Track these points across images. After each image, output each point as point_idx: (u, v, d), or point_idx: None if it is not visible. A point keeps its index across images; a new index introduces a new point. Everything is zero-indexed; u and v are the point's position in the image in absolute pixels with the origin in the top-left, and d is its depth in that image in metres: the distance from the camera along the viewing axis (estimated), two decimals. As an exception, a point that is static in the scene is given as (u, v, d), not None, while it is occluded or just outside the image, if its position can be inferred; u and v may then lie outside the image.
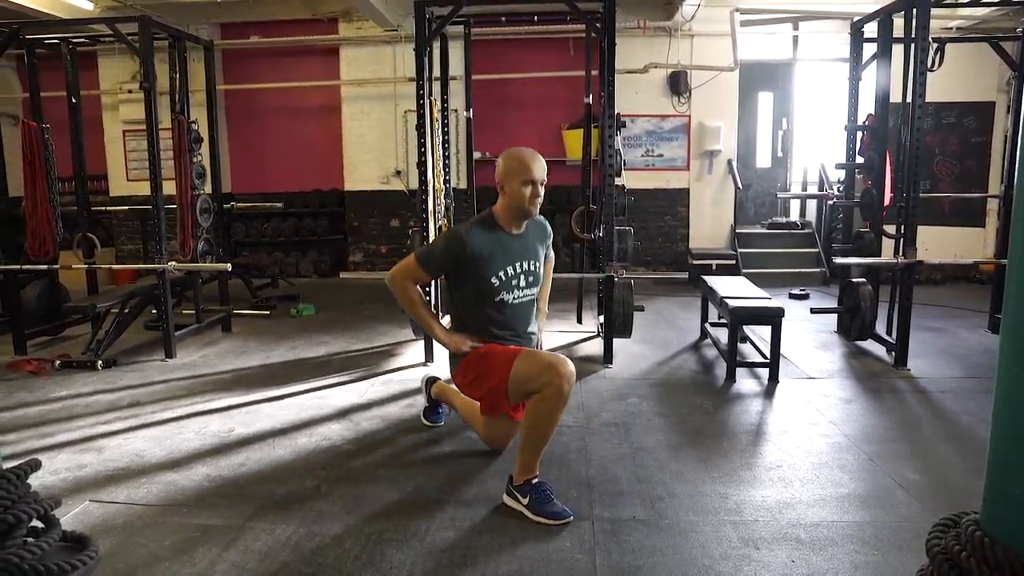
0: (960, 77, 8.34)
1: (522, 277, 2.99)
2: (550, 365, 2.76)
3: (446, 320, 3.94)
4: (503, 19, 6.41)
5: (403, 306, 3.13)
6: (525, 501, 2.80)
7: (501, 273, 2.92)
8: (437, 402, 3.84)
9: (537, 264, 3.07)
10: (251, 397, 4.48)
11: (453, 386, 3.64)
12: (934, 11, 4.89)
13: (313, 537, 2.68)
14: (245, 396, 4.50)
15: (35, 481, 2.73)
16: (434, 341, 5.20)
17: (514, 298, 2.99)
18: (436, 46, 5.78)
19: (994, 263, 6.20)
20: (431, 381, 3.87)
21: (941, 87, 7.29)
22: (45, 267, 5.91)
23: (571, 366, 2.80)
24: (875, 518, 2.82)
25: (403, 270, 3.04)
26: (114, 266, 7.27)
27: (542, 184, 2.91)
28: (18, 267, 5.76)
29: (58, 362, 5.25)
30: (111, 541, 2.65)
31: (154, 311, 6.03)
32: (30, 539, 2.46)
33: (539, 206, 2.95)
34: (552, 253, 3.37)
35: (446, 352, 3.15)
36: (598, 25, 5.15)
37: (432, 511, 2.89)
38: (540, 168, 2.90)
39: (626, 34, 8.61)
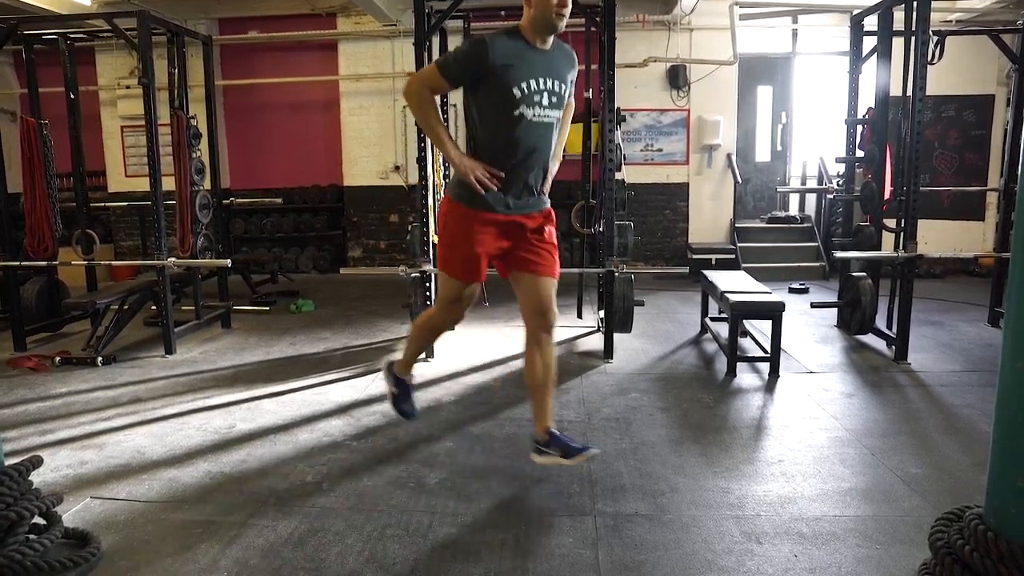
0: (960, 70, 8.33)
1: (545, 95, 2.85)
2: (449, 307, 3.10)
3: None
4: (502, 13, 6.35)
5: (417, 118, 3.00)
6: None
7: (524, 84, 2.78)
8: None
9: (562, 86, 2.92)
10: (252, 393, 4.48)
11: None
12: (934, 4, 4.88)
13: (315, 533, 2.68)
14: (246, 392, 4.50)
15: (36, 478, 2.74)
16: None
17: (534, 115, 2.83)
18: (435, 41, 5.75)
19: (994, 257, 6.20)
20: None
21: (941, 80, 7.28)
22: (44, 264, 5.90)
23: (460, 316, 3.13)
24: (877, 512, 2.82)
25: (421, 77, 2.90)
26: (113, 262, 7.25)
27: None
28: (17, 264, 5.74)
29: (58, 359, 5.24)
30: (113, 538, 2.65)
31: (154, 307, 6.03)
32: (32, 536, 2.47)
33: (566, 19, 2.82)
34: (573, 99, 3.17)
35: (457, 350, 3.13)
36: (597, 19, 5.14)
37: (434, 507, 2.89)
38: None
39: (625, 28, 8.59)
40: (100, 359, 5.21)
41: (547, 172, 3.03)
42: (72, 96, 6.21)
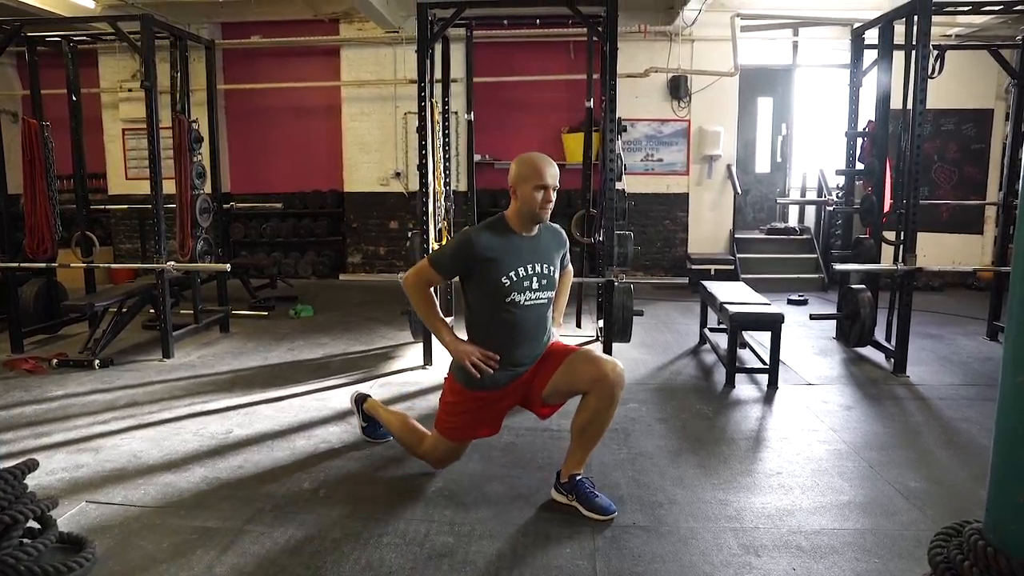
0: (959, 84, 8.36)
1: (535, 279, 2.94)
2: (435, 459, 3.18)
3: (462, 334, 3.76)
4: (505, 22, 6.40)
5: (415, 309, 3.10)
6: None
7: (512, 273, 2.88)
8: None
9: (552, 269, 3.02)
10: (250, 398, 4.47)
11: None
12: (934, 18, 4.90)
13: (312, 540, 2.67)
14: (244, 397, 4.49)
15: (32, 481, 2.73)
16: (434, 344, 5.21)
17: (526, 300, 2.93)
18: (438, 48, 5.77)
19: (993, 271, 6.21)
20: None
21: (940, 94, 7.31)
22: (43, 265, 5.90)
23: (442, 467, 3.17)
24: (876, 526, 2.81)
25: (417, 273, 3.01)
26: (112, 265, 7.24)
27: (554, 189, 2.89)
28: (16, 265, 5.74)
29: (55, 361, 5.23)
30: (108, 542, 2.64)
31: (152, 311, 6.02)
32: (26, 540, 2.45)
33: (550, 211, 2.92)
34: (570, 265, 3.31)
35: (446, 358, 3.13)
36: (600, 29, 5.15)
37: (432, 515, 2.88)
38: (552, 173, 2.88)
39: (627, 38, 8.61)
40: (97, 362, 5.20)
41: (549, 336, 3.12)
42: (74, 98, 6.22)
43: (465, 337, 3.02)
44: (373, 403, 3.64)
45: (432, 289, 3.03)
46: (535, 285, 2.94)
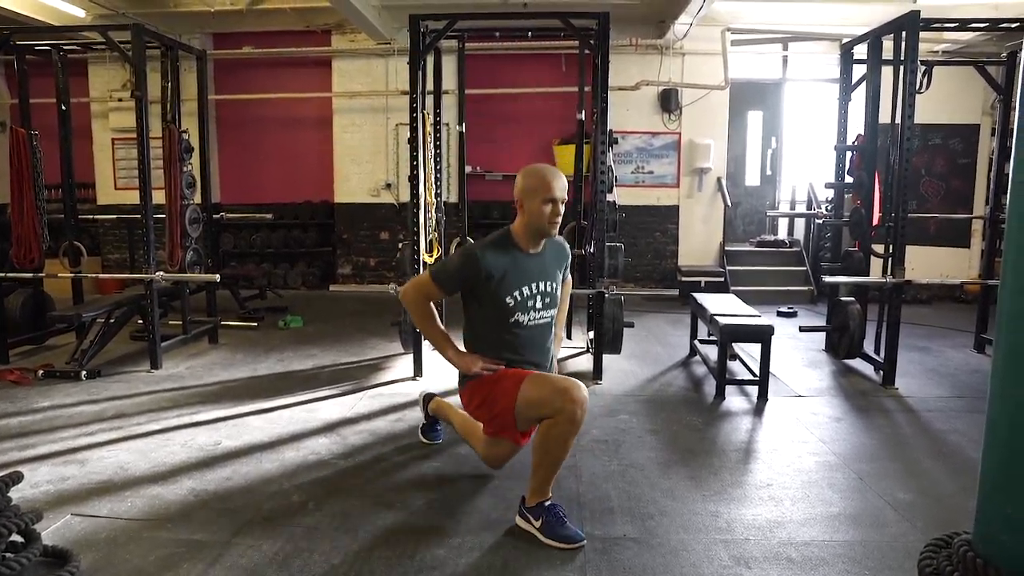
0: (946, 100, 8.43)
1: (538, 298, 2.91)
2: (563, 391, 2.71)
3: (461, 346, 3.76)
4: (497, 34, 6.42)
5: (416, 323, 3.06)
6: (537, 524, 2.75)
7: (516, 293, 2.85)
8: (435, 419, 3.76)
9: (554, 286, 2.99)
10: (238, 410, 4.43)
11: (449, 400, 3.61)
12: (922, 34, 4.96)
13: (300, 554, 2.64)
14: (232, 409, 4.46)
15: (16, 494, 2.69)
16: (424, 356, 5.19)
17: (530, 320, 2.91)
18: (430, 60, 5.79)
19: (980, 284, 6.25)
20: (428, 397, 3.77)
21: (928, 109, 7.36)
22: (30, 275, 5.85)
23: (584, 391, 2.74)
24: (866, 537, 2.81)
25: (417, 287, 2.97)
26: (100, 275, 7.20)
27: (562, 203, 2.84)
28: (3, 275, 5.70)
29: (41, 372, 5.18)
30: (93, 556, 2.61)
31: (140, 321, 5.97)
32: (9, 554, 2.42)
33: (559, 225, 2.88)
34: (570, 276, 3.28)
35: (445, 367, 3.13)
36: (592, 42, 5.18)
37: (422, 528, 2.86)
38: (561, 186, 2.82)
39: (618, 51, 8.67)
40: (84, 373, 5.15)
41: (551, 354, 3.11)
42: (63, 107, 6.19)
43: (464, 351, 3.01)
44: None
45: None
46: (539, 304, 2.92)
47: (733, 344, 5.30)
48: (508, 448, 3.12)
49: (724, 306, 5.37)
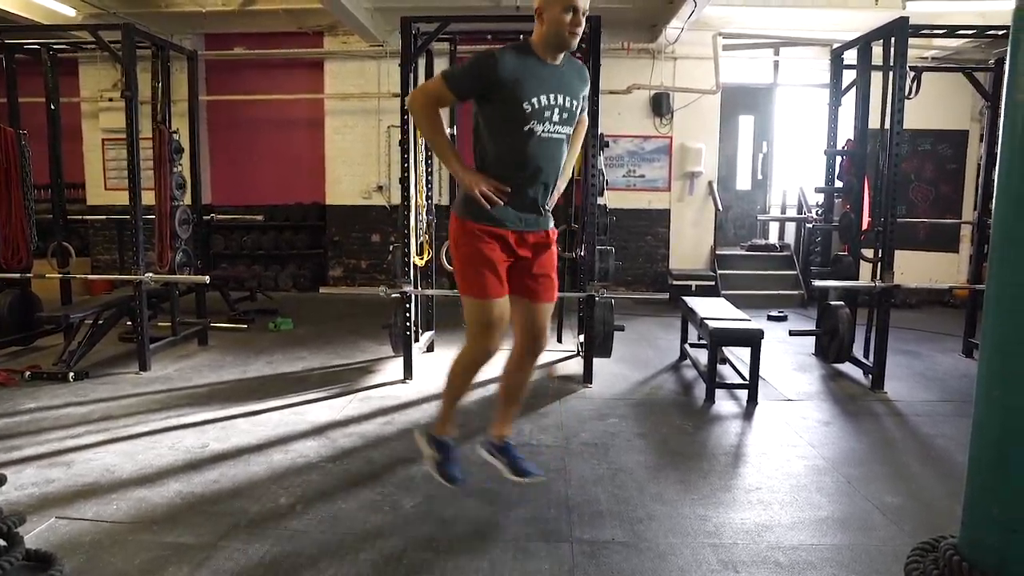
0: (935, 106, 8.49)
1: (555, 111, 2.78)
2: (482, 333, 2.88)
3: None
4: (489, 37, 6.40)
5: (422, 131, 2.92)
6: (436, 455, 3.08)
7: (534, 99, 2.72)
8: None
9: (573, 102, 2.85)
10: (226, 412, 4.41)
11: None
12: (911, 40, 4.99)
13: (288, 557, 2.63)
14: (220, 411, 4.43)
15: None
16: (414, 359, 5.18)
17: (544, 131, 2.77)
18: (422, 62, 5.78)
19: (968, 288, 6.29)
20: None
21: (917, 115, 7.42)
22: (18, 275, 5.82)
23: (497, 344, 2.90)
24: (854, 541, 2.82)
25: (426, 91, 2.85)
26: (89, 276, 7.15)
27: (584, 14, 2.72)
28: (-10, 275, 5.66)
29: (28, 373, 5.14)
30: (77, 560, 2.59)
31: (129, 323, 5.94)
32: (-7, 557, 2.39)
33: (579, 37, 2.75)
34: (586, 115, 3.13)
35: (435, 371, 3.10)
36: (583, 45, 5.18)
37: (410, 531, 2.85)
38: None
39: (610, 55, 8.67)
40: (72, 374, 5.11)
41: (554, 189, 2.97)
42: (52, 107, 6.15)
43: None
44: (433, 422, 3.30)
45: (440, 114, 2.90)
46: (556, 117, 2.79)
47: (723, 348, 5.31)
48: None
49: (714, 310, 5.37)
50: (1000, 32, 5.46)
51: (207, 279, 5.87)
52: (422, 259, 5.55)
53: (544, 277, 2.98)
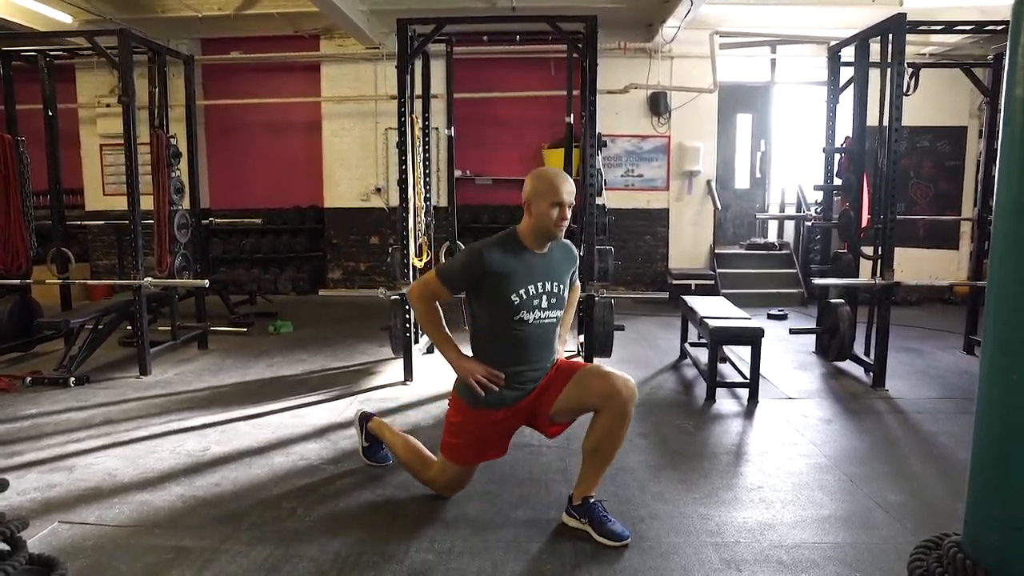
0: (934, 102, 8.50)
1: (544, 298, 2.89)
2: (444, 486, 3.08)
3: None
4: (485, 38, 6.42)
5: (420, 321, 3.02)
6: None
7: (522, 291, 2.82)
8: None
9: (561, 287, 2.97)
10: (227, 415, 4.41)
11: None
12: (908, 37, 4.99)
13: (290, 559, 2.63)
14: (221, 414, 4.43)
15: (2, 501, 2.67)
16: (414, 360, 5.18)
17: (535, 319, 2.88)
18: (418, 64, 5.79)
19: (968, 285, 6.29)
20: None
21: (916, 111, 7.43)
22: (18, 282, 5.81)
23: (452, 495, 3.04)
24: (856, 539, 2.82)
25: (423, 286, 2.95)
26: (89, 281, 7.16)
27: (570, 207, 2.83)
28: (-11, 281, 5.65)
29: (29, 379, 5.14)
30: (80, 564, 2.58)
31: (129, 327, 5.94)
32: (-5, 563, 2.39)
33: (565, 228, 2.87)
34: (578, 281, 3.27)
35: (435, 372, 3.11)
36: (580, 45, 5.19)
37: (411, 533, 2.85)
38: (569, 190, 2.81)
39: (607, 55, 8.68)
40: (73, 379, 5.11)
41: (554, 353, 3.05)
42: (50, 113, 6.15)
43: (470, 353, 2.97)
44: (378, 423, 3.51)
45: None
46: (544, 304, 2.89)
47: (723, 347, 5.31)
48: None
49: (714, 309, 5.37)
50: (999, 27, 5.46)
51: (206, 283, 5.87)
52: (421, 260, 5.56)
53: (566, 370, 3.00)
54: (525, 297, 2.84)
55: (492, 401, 2.89)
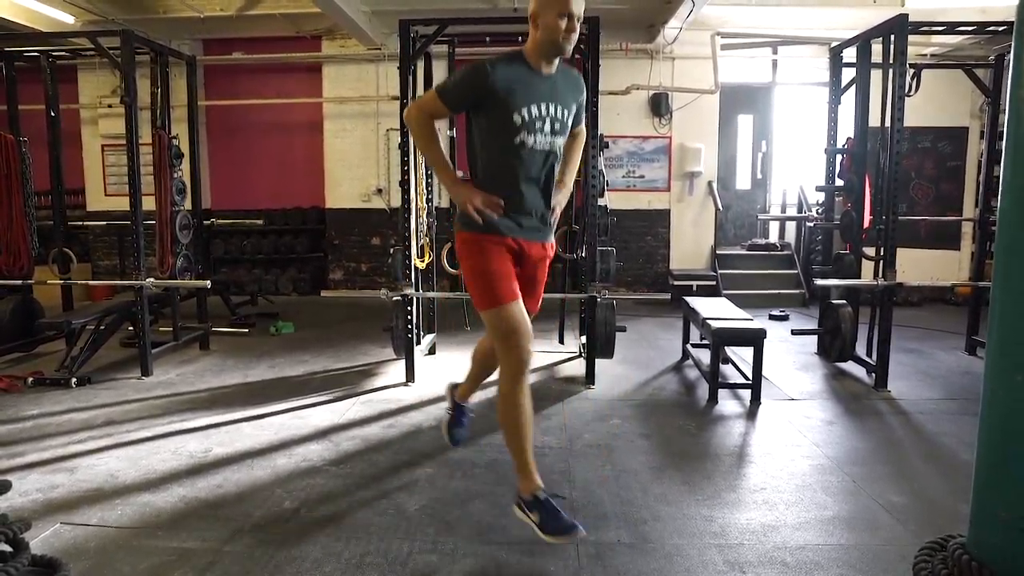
0: (935, 103, 8.48)
1: (547, 121, 2.75)
2: (508, 342, 2.71)
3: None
4: (487, 39, 6.40)
5: (418, 144, 2.93)
6: (535, 518, 2.65)
7: (525, 111, 2.69)
8: (462, 409, 3.43)
9: (566, 113, 2.84)
10: (229, 416, 4.41)
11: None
12: (910, 38, 4.99)
13: (292, 561, 2.63)
14: (223, 415, 4.43)
15: (4, 503, 2.67)
16: (416, 361, 5.18)
17: (535, 142, 2.74)
18: (420, 65, 5.78)
19: (971, 286, 6.28)
20: (455, 386, 3.48)
21: (917, 112, 7.42)
22: (19, 282, 5.81)
23: (529, 350, 2.71)
24: (860, 541, 2.81)
25: (421, 105, 2.84)
26: (91, 282, 7.17)
27: (579, 20, 2.70)
28: (-9, 282, 5.65)
29: (31, 379, 5.14)
30: (83, 565, 2.58)
31: (131, 328, 5.94)
32: (-2, 564, 2.39)
33: (573, 43, 2.73)
34: (584, 126, 3.12)
35: (437, 373, 3.10)
36: (582, 46, 5.18)
37: (414, 534, 2.85)
38: (578, 1, 2.69)
39: (608, 56, 8.66)
40: (74, 380, 5.11)
41: (552, 200, 2.93)
42: (52, 114, 6.15)
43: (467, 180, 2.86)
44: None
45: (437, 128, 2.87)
46: (547, 128, 2.77)
47: (725, 348, 5.30)
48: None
49: (716, 310, 5.37)
50: (1000, 28, 5.46)
51: (208, 283, 5.87)
52: (423, 261, 5.55)
53: (533, 293, 2.96)
54: (528, 118, 2.72)
55: (494, 225, 2.77)
